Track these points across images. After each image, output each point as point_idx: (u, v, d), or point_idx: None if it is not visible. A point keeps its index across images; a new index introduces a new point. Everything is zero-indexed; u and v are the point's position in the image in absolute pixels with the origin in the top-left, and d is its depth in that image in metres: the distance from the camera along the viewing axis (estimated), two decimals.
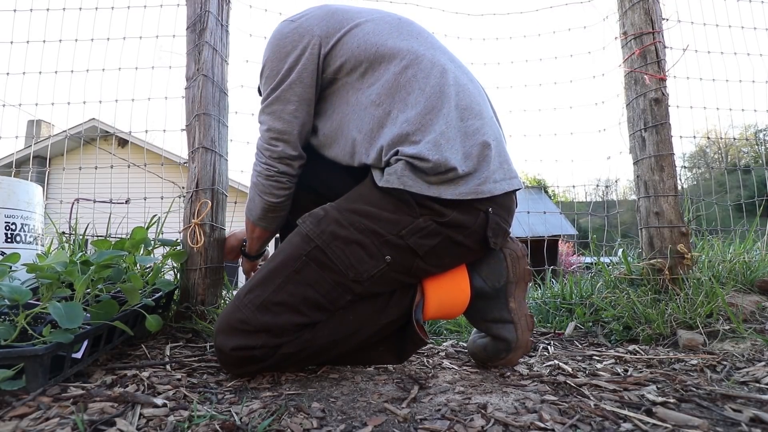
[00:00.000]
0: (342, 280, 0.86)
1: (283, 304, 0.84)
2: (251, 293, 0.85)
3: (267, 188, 1.00)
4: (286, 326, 0.83)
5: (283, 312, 0.84)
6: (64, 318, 0.73)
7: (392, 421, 0.64)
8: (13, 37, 1.67)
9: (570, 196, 28.46)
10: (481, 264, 0.97)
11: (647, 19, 1.47)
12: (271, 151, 0.97)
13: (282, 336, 0.84)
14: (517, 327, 0.96)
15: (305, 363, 0.92)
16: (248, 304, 0.84)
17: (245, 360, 0.83)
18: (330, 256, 0.85)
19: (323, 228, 0.86)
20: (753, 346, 1.05)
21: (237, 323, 0.83)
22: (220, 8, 1.43)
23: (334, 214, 0.87)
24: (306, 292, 0.85)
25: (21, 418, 0.62)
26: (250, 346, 0.82)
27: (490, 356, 0.98)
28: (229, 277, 1.42)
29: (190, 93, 1.37)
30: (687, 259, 1.37)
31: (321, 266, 0.85)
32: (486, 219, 0.88)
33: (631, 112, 1.52)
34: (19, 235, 1.12)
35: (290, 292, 0.84)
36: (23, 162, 7.64)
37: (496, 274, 0.96)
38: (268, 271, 0.87)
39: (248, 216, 1.09)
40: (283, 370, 0.91)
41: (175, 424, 0.61)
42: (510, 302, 0.97)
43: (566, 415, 0.65)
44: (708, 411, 0.66)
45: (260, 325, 0.83)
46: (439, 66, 0.91)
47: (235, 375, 0.88)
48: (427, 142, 0.83)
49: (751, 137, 21.38)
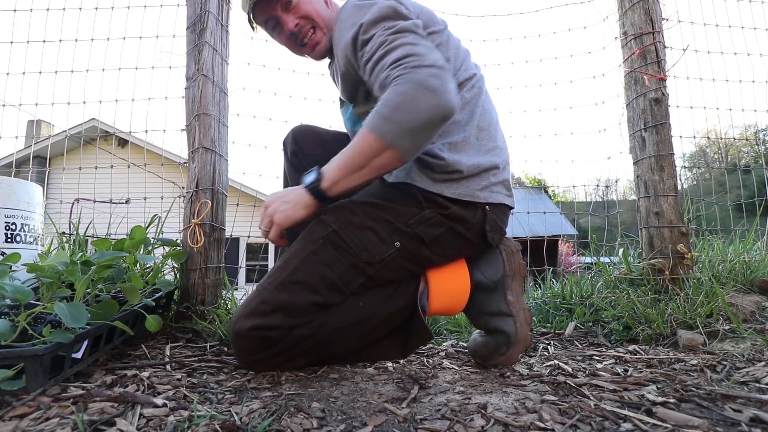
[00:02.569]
0: (356, 261, 0.92)
1: (301, 282, 0.89)
2: (270, 277, 0.91)
3: (435, 81, 0.80)
4: (302, 305, 0.88)
5: (299, 291, 0.88)
6: (69, 318, 0.73)
7: (392, 421, 0.64)
8: (13, 37, 1.67)
9: (570, 196, 28.40)
10: (479, 259, 1.04)
11: (647, 19, 1.47)
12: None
13: (297, 316, 0.88)
14: (516, 320, 0.98)
15: (314, 353, 0.93)
16: (267, 285, 0.89)
17: (261, 342, 0.87)
18: (345, 239, 0.91)
19: (339, 215, 0.94)
20: (753, 346, 1.05)
21: (256, 305, 0.88)
22: (220, 8, 1.43)
23: (349, 205, 0.95)
24: (322, 272, 0.90)
25: (21, 418, 0.62)
26: (267, 326, 0.86)
27: (491, 352, 0.99)
28: (229, 277, 1.42)
29: (190, 93, 1.37)
30: (687, 259, 1.37)
31: (337, 248, 0.91)
32: (484, 215, 0.97)
33: (631, 112, 1.52)
34: (19, 235, 1.12)
35: (308, 272, 0.90)
36: (23, 162, 7.65)
37: (494, 268, 1.02)
38: (287, 257, 0.93)
39: (381, 133, 0.81)
40: (292, 361, 0.92)
41: (175, 424, 0.61)
42: (508, 295, 1.01)
43: (566, 415, 0.65)
44: (708, 411, 0.66)
45: (278, 304, 0.87)
46: (480, 88, 1.03)
47: (247, 364, 0.91)
48: (444, 144, 0.94)
49: (751, 137, 21.39)
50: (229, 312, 1.21)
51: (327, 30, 1.08)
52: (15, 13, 1.66)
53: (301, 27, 1.06)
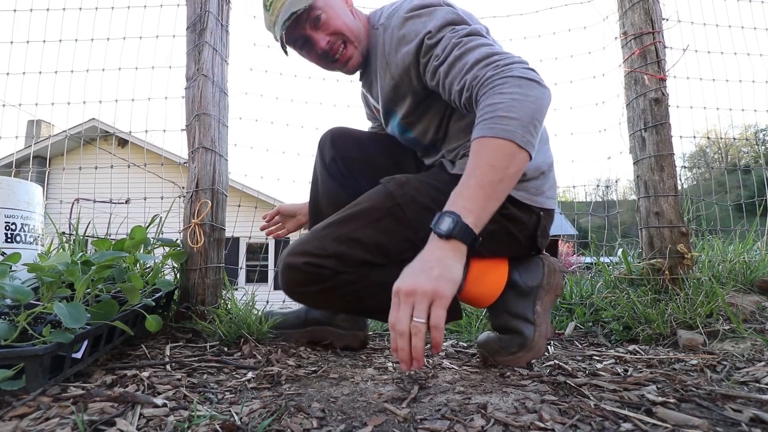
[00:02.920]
0: (412, 237, 0.94)
1: (359, 241, 0.93)
2: (329, 228, 0.94)
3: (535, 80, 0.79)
4: (354, 259, 0.93)
5: (356, 247, 0.93)
6: (69, 318, 0.73)
7: (392, 421, 0.64)
8: (13, 37, 1.67)
9: (570, 196, 28.38)
10: (521, 263, 1.05)
11: (647, 19, 1.47)
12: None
13: (347, 266, 0.93)
14: (537, 329, 0.98)
15: (352, 300, 0.97)
16: (326, 235, 0.93)
17: (311, 276, 0.92)
18: (407, 214, 0.95)
19: (405, 191, 0.97)
20: (753, 346, 1.05)
21: (312, 248, 0.92)
22: (220, 8, 1.43)
23: (416, 183, 0.98)
24: (380, 238, 0.94)
25: (21, 418, 0.62)
26: (320, 265, 0.91)
27: (502, 348, 0.99)
28: (229, 277, 1.42)
29: (190, 93, 1.37)
30: (687, 259, 1.37)
31: (398, 221, 0.95)
32: (537, 220, 1.00)
33: (631, 112, 1.52)
34: (19, 235, 1.12)
35: (367, 235, 0.94)
36: (23, 162, 7.65)
37: (533, 275, 1.03)
38: (348, 215, 0.96)
39: (509, 135, 0.74)
40: (332, 301, 0.97)
41: (175, 424, 0.61)
42: (537, 305, 1.01)
43: (566, 415, 0.65)
44: (708, 411, 0.66)
45: (333, 253, 0.92)
46: None
47: (293, 294, 0.96)
48: None
49: (751, 137, 21.37)
50: (229, 312, 1.21)
51: (358, 43, 1.06)
52: (15, 13, 1.66)
53: (332, 44, 1.03)
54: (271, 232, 1.42)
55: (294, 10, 0.97)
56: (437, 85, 0.93)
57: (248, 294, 1.32)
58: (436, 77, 0.92)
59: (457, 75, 0.86)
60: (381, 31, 1.02)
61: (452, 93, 0.89)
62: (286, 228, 1.41)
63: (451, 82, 0.88)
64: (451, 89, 0.89)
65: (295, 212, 1.40)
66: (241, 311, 1.22)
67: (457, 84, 0.86)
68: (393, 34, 0.97)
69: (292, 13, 0.97)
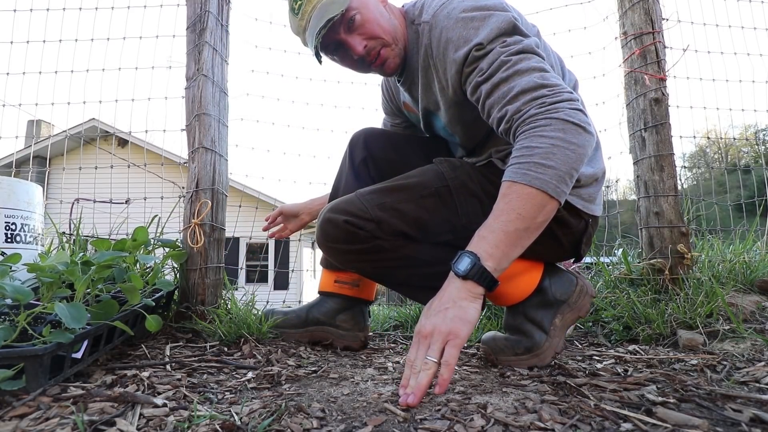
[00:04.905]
0: (453, 220, 0.97)
1: (401, 212, 0.95)
2: (375, 194, 0.96)
3: (580, 121, 0.75)
4: (393, 227, 0.94)
5: (397, 217, 0.94)
6: (69, 318, 0.73)
7: (392, 421, 0.64)
8: (13, 37, 1.67)
9: None
10: (555, 274, 1.04)
11: (647, 19, 1.47)
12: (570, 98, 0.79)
13: (385, 233, 0.94)
14: (549, 339, 0.98)
15: (381, 267, 0.99)
16: (370, 200, 0.95)
17: (349, 234, 0.93)
18: (455, 198, 0.97)
19: (457, 175, 0.98)
20: (753, 346, 1.05)
21: (355, 209, 0.93)
22: (220, 8, 1.43)
23: (468, 169, 1.00)
24: (422, 214, 0.96)
25: (21, 418, 0.62)
26: (360, 226, 0.93)
27: (507, 347, 0.98)
28: (229, 277, 1.42)
29: (190, 93, 1.37)
30: (687, 259, 1.37)
31: (443, 202, 0.97)
32: (585, 227, 1.01)
33: (631, 112, 1.52)
34: (19, 235, 1.12)
35: (410, 209, 0.95)
36: (23, 162, 7.65)
37: (562, 289, 1.02)
38: (397, 185, 0.97)
39: (542, 185, 0.73)
40: (362, 263, 0.99)
41: (175, 424, 0.61)
42: (557, 318, 1.01)
43: (566, 415, 0.65)
44: (708, 411, 0.66)
45: (375, 217, 0.93)
46: (579, 94, 1.05)
47: (326, 249, 0.98)
48: None
49: (751, 137, 21.34)
50: (229, 312, 1.21)
51: (395, 45, 1.00)
52: (15, 13, 1.66)
53: (369, 50, 0.98)
54: (273, 234, 1.42)
55: (330, 16, 0.90)
56: (476, 101, 0.89)
57: (248, 294, 1.33)
58: (477, 93, 0.87)
59: (500, 101, 0.82)
60: (425, 29, 0.95)
61: (491, 117, 0.85)
62: (289, 228, 1.41)
63: (491, 105, 0.84)
64: (490, 113, 0.85)
65: (297, 212, 1.40)
66: (241, 311, 1.22)
67: (497, 111, 0.83)
68: (441, 35, 0.91)
69: (328, 20, 0.90)
